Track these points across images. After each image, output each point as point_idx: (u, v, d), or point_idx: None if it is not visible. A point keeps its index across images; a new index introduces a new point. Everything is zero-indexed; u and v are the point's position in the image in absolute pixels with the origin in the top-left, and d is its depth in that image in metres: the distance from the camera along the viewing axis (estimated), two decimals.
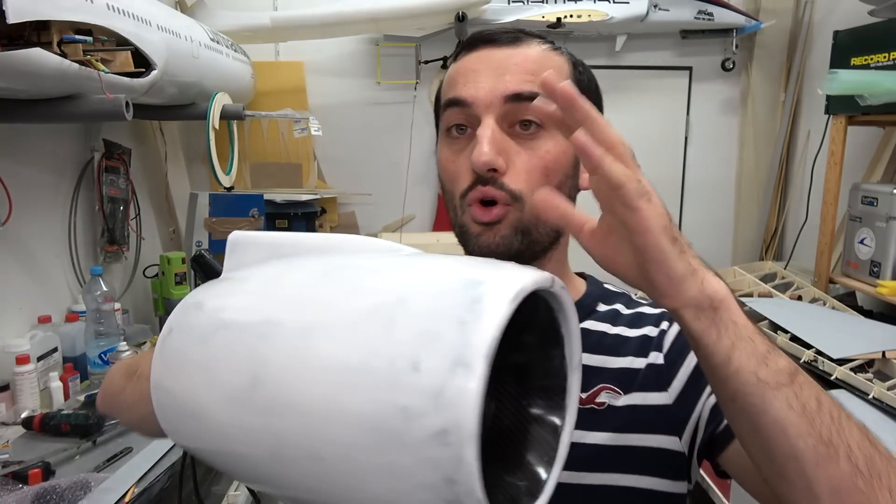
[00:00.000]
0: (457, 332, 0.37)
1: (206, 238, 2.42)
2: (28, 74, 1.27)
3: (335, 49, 3.01)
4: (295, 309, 0.45)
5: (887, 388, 1.41)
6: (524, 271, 0.43)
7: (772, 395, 0.45)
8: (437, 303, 0.40)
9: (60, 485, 1.21)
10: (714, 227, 3.30)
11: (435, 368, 0.36)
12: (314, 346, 0.41)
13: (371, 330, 0.40)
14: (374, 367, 0.38)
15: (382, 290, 0.43)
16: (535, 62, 0.63)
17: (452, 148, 0.65)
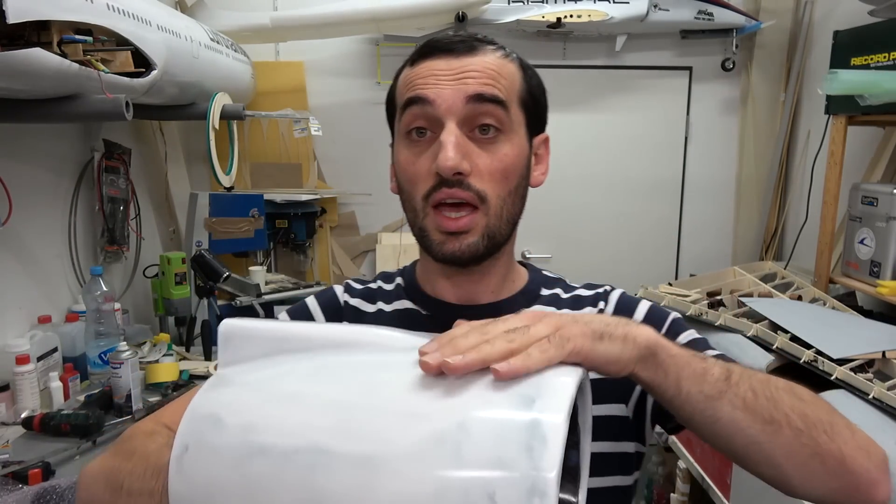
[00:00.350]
0: (526, 460, 0.38)
1: (206, 238, 2.42)
2: (28, 74, 1.27)
3: (335, 49, 3.01)
4: (344, 436, 0.43)
5: (887, 388, 1.41)
6: (565, 377, 0.45)
7: (719, 405, 0.53)
8: (498, 427, 0.40)
9: (60, 485, 1.21)
10: (714, 227, 3.30)
11: (511, 498, 0.38)
12: (378, 480, 0.41)
13: (438, 461, 0.40)
14: (448, 499, 0.39)
15: (436, 413, 0.42)
16: (493, 68, 0.66)
17: (413, 150, 0.67)
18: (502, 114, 0.66)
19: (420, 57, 0.69)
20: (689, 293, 2.15)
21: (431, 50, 0.68)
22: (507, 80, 0.67)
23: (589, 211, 3.23)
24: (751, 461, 0.55)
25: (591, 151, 3.19)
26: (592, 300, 0.78)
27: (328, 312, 0.79)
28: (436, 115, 0.65)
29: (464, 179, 0.64)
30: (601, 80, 3.15)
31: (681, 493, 2.12)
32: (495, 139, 0.66)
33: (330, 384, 0.48)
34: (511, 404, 0.42)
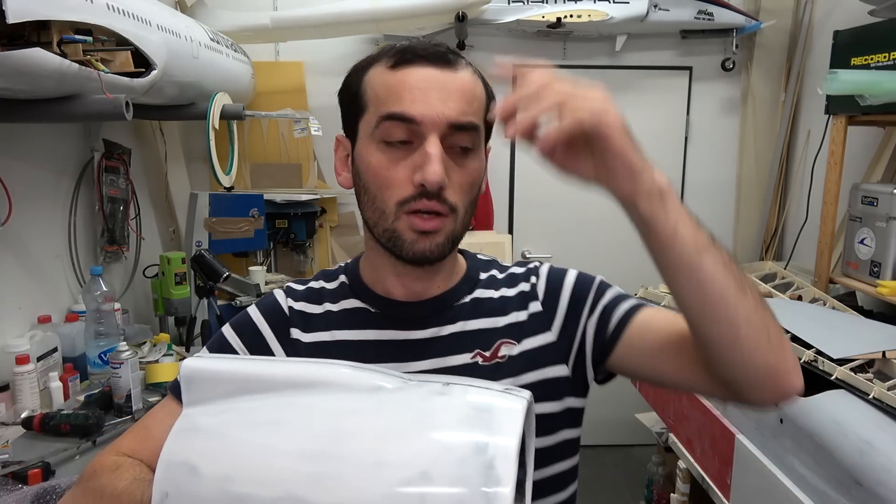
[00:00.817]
0: (482, 497, 0.44)
1: (206, 238, 2.42)
2: (28, 74, 1.27)
3: (335, 49, 3.01)
4: (319, 487, 0.47)
5: (887, 388, 1.41)
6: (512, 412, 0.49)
7: (704, 256, 0.61)
8: (458, 473, 0.45)
9: (60, 485, 1.21)
10: (714, 227, 3.18)
11: None
12: None
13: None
14: None
15: (402, 462, 0.47)
16: (470, 90, 0.71)
17: (389, 156, 0.69)
18: (474, 136, 0.71)
19: (400, 62, 0.70)
20: None
21: (413, 57, 0.69)
22: (478, 101, 0.72)
23: (589, 211, 3.23)
24: (715, 317, 0.62)
25: None
26: (525, 276, 0.84)
27: (272, 322, 0.80)
28: (420, 130, 0.67)
29: (442, 193, 0.68)
30: (601, 80, 3.14)
31: (681, 493, 2.12)
32: (467, 155, 0.71)
33: (298, 433, 0.51)
34: (468, 449, 0.46)
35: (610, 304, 0.78)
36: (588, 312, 0.79)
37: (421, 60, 0.69)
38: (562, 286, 0.81)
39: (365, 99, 0.72)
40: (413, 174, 0.68)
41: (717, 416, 1.86)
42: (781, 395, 0.65)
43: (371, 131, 0.70)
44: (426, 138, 0.67)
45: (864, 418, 1.38)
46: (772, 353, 0.63)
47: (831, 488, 1.39)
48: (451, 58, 0.71)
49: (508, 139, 0.59)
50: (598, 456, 3.36)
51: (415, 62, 0.69)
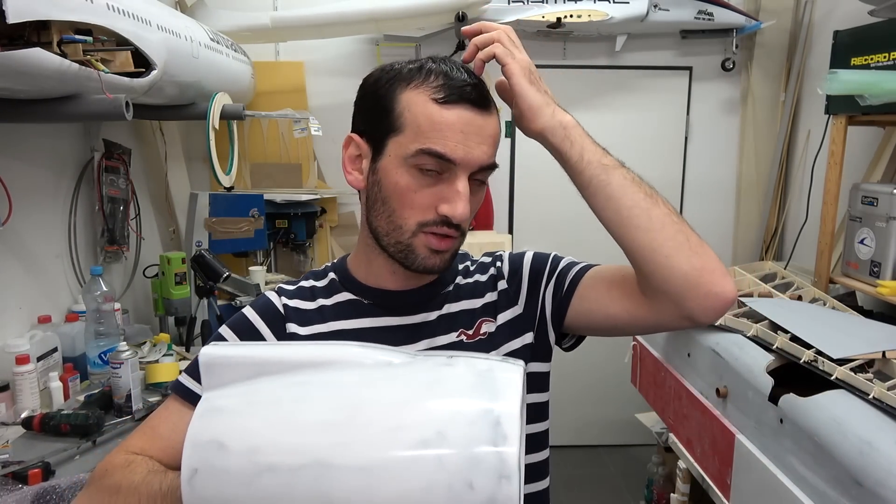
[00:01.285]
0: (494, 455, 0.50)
1: (206, 238, 2.42)
2: (28, 74, 1.27)
3: (335, 49, 3.01)
4: (342, 451, 0.52)
5: (887, 388, 1.41)
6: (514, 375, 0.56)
7: (612, 172, 0.74)
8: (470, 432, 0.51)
9: (60, 485, 1.21)
10: (714, 227, 3.30)
11: (486, 485, 0.49)
12: (377, 484, 0.51)
13: (426, 464, 0.51)
14: (438, 494, 0.50)
15: (420, 425, 0.52)
16: (497, 135, 0.79)
17: (419, 181, 0.75)
18: (491, 172, 0.80)
19: (447, 99, 0.74)
20: None
21: (458, 97, 0.74)
22: (499, 143, 0.80)
23: (589, 211, 3.22)
24: (632, 224, 0.73)
25: None
26: (492, 263, 0.93)
27: (268, 319, 0.83)
28: (453, 167, 0.74)
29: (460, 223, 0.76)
30: (601, 80, 3.15)
31: (681, 493, 2.12)
32: (480, 187, 0.80)
33: (319, 406, 0.55)
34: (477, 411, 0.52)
35: (564, 269, 0.89)
36: (546, 280, 0.89)
37: (465, 103, 0.74)
38: (522, 263, 0.91)
39: (402, 121, 0.75)
40: (436, 202, 0.75)
41: (717, 416, 1.86)
42: (715, 299, 0.73)
43: (406, 155, 0.74)
44: (457, 175, 0.75)
45: (864, 418, 1.38)
46: (693, 255, 0.73)
47: (831, 488, 1.39)
48: (488, 101, 0.78)
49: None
50: (598, 456, 3.36)
51: (460, 103, 0.74)
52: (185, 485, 0.54)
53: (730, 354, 1.83)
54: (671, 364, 2.21)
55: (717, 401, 1.88)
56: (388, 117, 0.76)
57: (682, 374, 2.12)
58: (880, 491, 1.24)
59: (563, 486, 3.09)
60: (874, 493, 1.26)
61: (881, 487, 1.24)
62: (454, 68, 0.77)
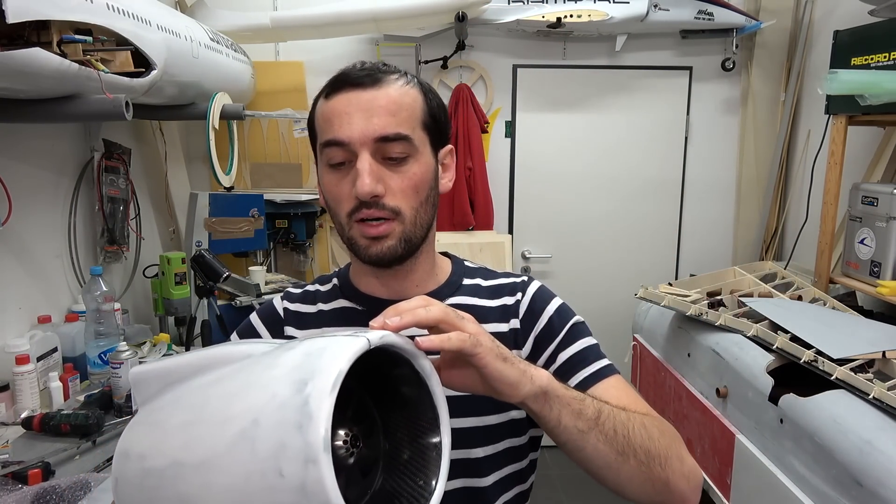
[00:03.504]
0: (299, 437, 0.48)
1: (206, 238, 2.42)
2: (28, 74, 1.27)
3: (335, 49, 3.01)
4: (189, 449, 0.55)
5: (887, 388, 1.41)
6: (342, 350, 0.52)
7: (587, 437, 0.68)
8: (279, 415, 0.49)
9: (60, 485, 1.21)
10: (714, 227, 3.30)
11: (294, 471, 0.47)
12: (211, 479, 0.52)
13: (243, 454, 0.50)
14: (254, 483, 0.49)
15: (241, 415, 0.52)
16: (395, 102, 0.76)
17: (335, 176, 0.77)
18: (406, 144, 0.76)
19: (332, 90, 0.77)
20: (689, 293, 2.15)
21: (342, 84, 0.76)
22: (408, 110, 0.77)
23: (589, 211, 3.23)
24: (601, 477, 0.71)
25: (590, 151, 3.19)
26: (511, 289, 0.88)
27: (269, 324, 0.89)
28: (352, 149, 0.75)
29: (379, 200, 0.75)
30: (601, 80, 3.15)
31: None
32: (404, 161, 0.76)
33: (184, 407, 0.59)
34: (289, 391, 0.50)
35: (578, 356, 0.82)
36: (555, 347, 0.83)
37: (347, 86, 0.76)
38: (543, 310, 0.85)
39: (315, 130, 0.81)
40: (353, 190, 0.75)
41: (717, 416, 1.86)
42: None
43: (321, 157, 0.79)
44: (358, 156, 0.74)
45: (864, 418, 1.38)
46: (657, 495, 0.73)
47: (831, 488, 1.39)
48: (379, 76, 0.76)
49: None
50: None
51: (342, 88, 0.76)
52: (113, 493, 0.61)
53: (730, 354, 1.83)
54: (671, 364, 2.21)
55: (717, 401, 1.88)
56: (312, 134, 0.83)
57: (682, 374, 2.12)
58: (880, 491, 1.24)
59: (563, 486, 3.09)
60: (874, 492, 1.26)
61: (881, 487, 1.24)
62: (353, 67, 0.79)
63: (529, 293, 0.87)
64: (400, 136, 0.75)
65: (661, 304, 2.10)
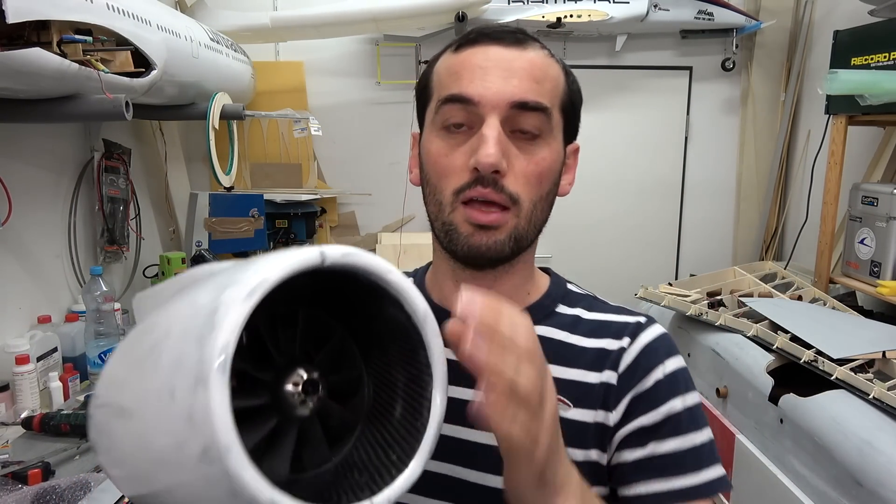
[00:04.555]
0: (196, 351, 0.37)
1: (206, 238, 2.42)
2: (28, 74, 1.27)
3: (335, 49, 3.01)
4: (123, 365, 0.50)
5: (887, 388, 1.41)
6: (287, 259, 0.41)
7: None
8: (186, 324, 0.40)
9: (60, 485, 1.21)
10: (714, 227, 3.30)
11: (183, 393, 0.37)
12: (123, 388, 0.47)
13: (147, 367, 0.42)
14: (150, 403, 0.41)
15: (159, 326, 0.44)
16: (540, 69, 0.63)
17: (448, 142, 0.64)
18: (544, 120, 0.63)
19: (465, 44, 0.65)
20: (689, 293, 2.15)
21: (478, 37, 0.64)
22: (552, 83, 0.65)
23: (589, 211, 3.23)
24: None
25: (591, 151, 3.17)
26: (618, 331, 0.68)
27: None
28: (478, 112, 0.62)
29: (499, 179, 0.61)
30: (601, 80, 3.15)
31: None
32: (534, 141, 0.63)
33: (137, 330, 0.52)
34: (207, 299, 0.41)
35: (671, 458, 0.62)
36: (650, 429, 0.63)
37: (485, 39, 0.64)
38: (652, 370, 0.65)
39: (430, 87, 0.68)
40: (470, 160, 0.61)
41: (718, 416, 1.86)
42: None
43: (433, 118, 0.66)
44: (485, 120, 0.61)
45: (864, 418, 1.38)
46: None
47: (831, 488, 1.39)
48: (521, 37, 0.64)
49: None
50: None
51: (479, 42, 0.64)
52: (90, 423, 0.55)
53: (730, 354, 1.83)
54: None
55: (717, 401, 1.88)
56: (423, 94, 0.69)
57: None
58: (880, 491, 1.24)
59: None
60: (874, 492, 1.26)
61: (881, 487, 1.24)
62: (491, 24, 0.67)
63: (641, 341, 0.67)
64: (540, 105, 0.62)
65: (661, 304, 2.10)
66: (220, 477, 0.36)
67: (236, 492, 0.37)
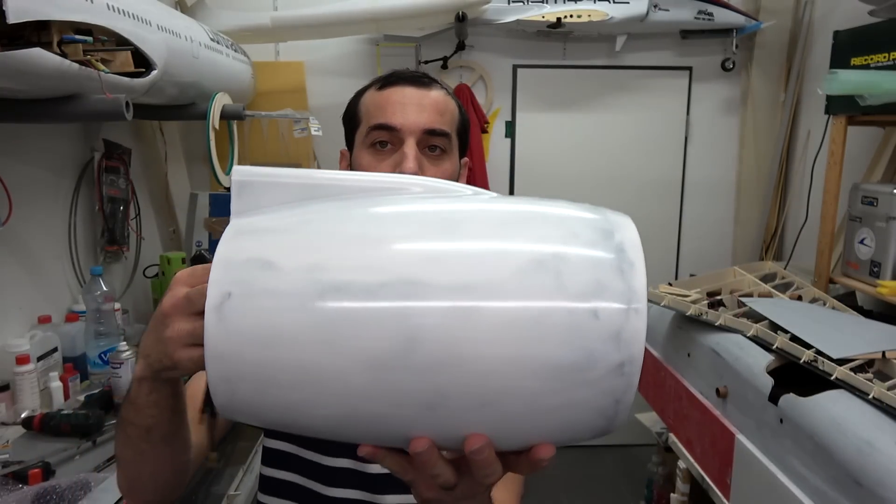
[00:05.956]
0: (621, 282, 0.43)
1: (206, 238, 2.42)
2: (28, 74, 1.27)
3: (335, 49, 3.01)
4: (437, 268, 0.43)
5: (887, 388, 1.41)
6: (620, 215, 0.49)
7: None
8: (592, 255, 0.44)
9: (60, 485, 1.21)
10: (714, 227, 3.30)
11: (613, 314, 0.42)
12: (479, 307, 0.42)
13: (541, 285, 0.42)
14: (555, 320, 0.42)
15: (529, 244, 0.44)
16: (443, 104, 0.86)
17: (376, 157, 0.84)
18: (446, 141, 0.85)
19: (387, 84, 0.86)
20: (689, 293, 2.15)
21: (397, 79, 0.86)
22: (450, 115, 0.87)
23: None
24: None
25: (591, 151, 3.20)
26: None
27: None
28: (400, 135, 0.82)
29: None
30: (601, 80, 3.15)
31: (681, 493, 2.12)
32: (440, 157, 0.85)
33: (399, 223, 0.46)
34: (596, 236, 0.45)
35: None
36: None
37: (402, 82, 0.85)
38: None
39: (359, 116, 0.88)
40: (395, 170, 0.81)
41: (717, 416, 1.86)
42: None
43: (363, 139, 0.85)
44: (405, 142, 0.82)
45: (864, 418, 1.38)
46: None
47: (831, 488, 1.39)
48: (426, 80, 0.87)
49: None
50: (598, 456, 3.36)
51: (397, 83, 0.85)
52: (212, 314, 0.43)
53: (730, 354, 1.83)
54: (671, 364, 2.21)
55: (717, 401, 1.88)
56: (352, 120, 0.89)
57: (682, 374, 2.12)
58: (880, 491, 1.24)
59: (564, 486, 3.09)
60: (874, 492, 1.26)
61: (881, 487, 1.24)
62: (403, 70, 0.89)
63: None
64: (444, 132, 0.84)
65: (661, 304, 2.10)
66: (619, 388, 0.43)
67: (620, 401, 0.44)
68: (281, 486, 0.88)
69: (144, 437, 0.63)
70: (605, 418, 0.45)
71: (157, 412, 0.61)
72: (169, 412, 0.62)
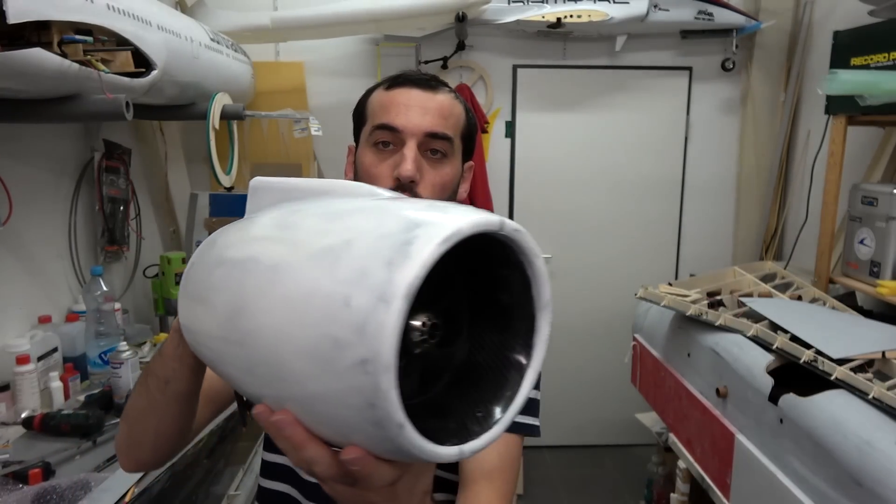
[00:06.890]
0: (384, 272, 0.41)
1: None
2: (28, 74, 1.27)
3: (335, 49, 3.01)
4: (271, 248, 0.50)
5: (887, 388, 1.41)
6: (470, 216, 0.45)
7: None
8: (375, 244, 0.43)
9: (60, 485, 1.22)
10: (714, 227, 3.30)
11: (362, 304, 0.41)
12: (278, 281, 0.47)
13: (320, 269, 0.45)
14: (315, 302, 0.43)
15: (339, 232, 0.47)
16: (448, 108, 0.87)
17: (378, 156, 0.85)
18: (448, 145, 0.86)
19: (394, 84, 0.88)
20: (689, 293, 2.15)
21: (404, 81, 0.87)
22: (455, 118, 0.88)
23: (589, 211, 3.23)
24: None
25: (591, 151, 3.20)
26: None
27: None
28: (402, 137, 0.83)
29: (414, 187, 0.82)
30: (601, 80, 3.15)
31: (681, 493, 2.12)
32: (441, 160, 0.86)
33: (286, 218, 0.55)
34: (399, 227, 0.44)
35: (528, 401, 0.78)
36: None
37: (409, 83, 0.86)
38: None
39: (366, 113, 0.90)
40: (394, 171, 0.83)
41: (717, 416, 1.86)
42: None
43: (367, 137, 0.87)
44: (406, 143, 0.83)
45: (864, 418, 1.38)
46: None
47: (831, 488, 1.39)
48: (434, 83, 0.88)
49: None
50: (598, 456, 3.36)
51: (404, 84, 0.86)
52: (183, 277, 0.61)
53: (730, 354, 1.83)
54: (671, 364, 2.21)
55: (717, 401, 1.88)
56: (360, 117, 0.91)
57: (682, 374, 2.12)
58: (880, 490, 1.24)
59: (563, 486, 3.09)
60: (874, 492, 1.26)
61: (881, 487, 1.25)
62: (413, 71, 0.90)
63: None
64: (446, 136, 0.85)
65: (661, 304, 2.10)
66: (367, 388, 0.41)
67: (375, 405, 0.41)
68: (277, 498, 0.92)
69: (162, 388, 0.70)
70: (373, 424, 0.41)
71: (179, 366, 0.68)
72: (188, 370, 0.68)
